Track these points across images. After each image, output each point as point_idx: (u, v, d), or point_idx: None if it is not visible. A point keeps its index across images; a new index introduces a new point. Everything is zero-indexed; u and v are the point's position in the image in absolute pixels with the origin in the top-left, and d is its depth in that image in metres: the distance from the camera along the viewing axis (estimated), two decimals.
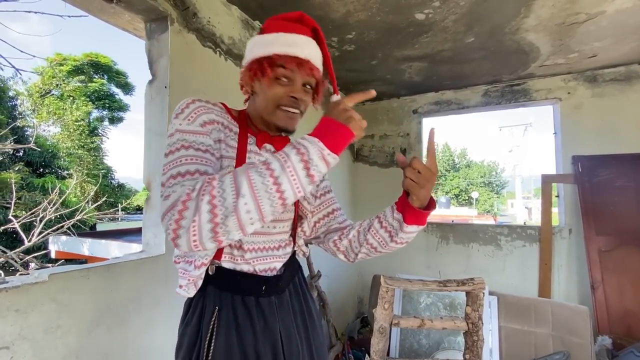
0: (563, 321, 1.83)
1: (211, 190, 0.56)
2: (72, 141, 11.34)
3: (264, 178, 0.56)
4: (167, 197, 0.60)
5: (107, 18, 1.62)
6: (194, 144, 0.68)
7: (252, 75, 0.75)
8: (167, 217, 0.58)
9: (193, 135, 0.69)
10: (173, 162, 0.65)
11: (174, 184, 0.61)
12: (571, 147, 2.77)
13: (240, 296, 0.75)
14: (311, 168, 0.58)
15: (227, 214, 0.55)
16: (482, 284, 1.34)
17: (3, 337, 0.92)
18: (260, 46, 0.74)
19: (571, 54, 2.43)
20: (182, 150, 0.66)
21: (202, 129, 0.70)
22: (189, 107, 0.72)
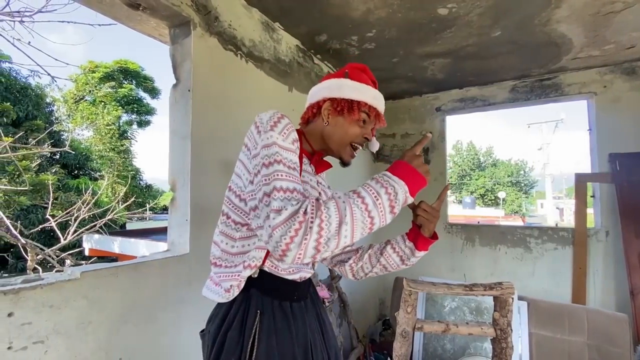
0: (600, 329, 1.71)
1: (320, 214, 0.63)
2: (103, 144, 11.91)
3: (362, 211, 0.66)
4: (277, 211, 0.64)
5: (134, 25, 1.68)
6: (290, 162, 0.72)
7: (339, 110, 0.86)
8: (280, 230, 0.62)
9: (287, 152, 0.73)
10: (274, 174, 0.69)
11: (283, 198, 0.66)
12: (608, 144, 2.60)
13: (278, 301, 0.81)
14: (395, 207, 0.70)
15: (330, 237, 0.64)
16: (511, 288, 1.27)
17: (38, 331, 0.97)
18: (353, 90, 0.86)
19: (607, 46, 2.29)
20: (281, 165, 0.70)
21: (292, 147, 0.74)
22: (281, 122, 0.75)
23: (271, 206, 0.65)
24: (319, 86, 0.91)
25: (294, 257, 0.63)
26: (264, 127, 0.74)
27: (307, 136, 0.92)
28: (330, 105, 0.87)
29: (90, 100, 12.30)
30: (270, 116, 0.76)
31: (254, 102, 1.86)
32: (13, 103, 8.96)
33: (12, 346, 0.92)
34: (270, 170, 0.69)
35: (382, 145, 3.63)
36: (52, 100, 11.78)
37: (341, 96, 0.85)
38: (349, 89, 0.86)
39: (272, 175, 0.68)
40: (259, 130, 0.75)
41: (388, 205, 0.69)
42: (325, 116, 0.87)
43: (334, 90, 0.87)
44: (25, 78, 10.17)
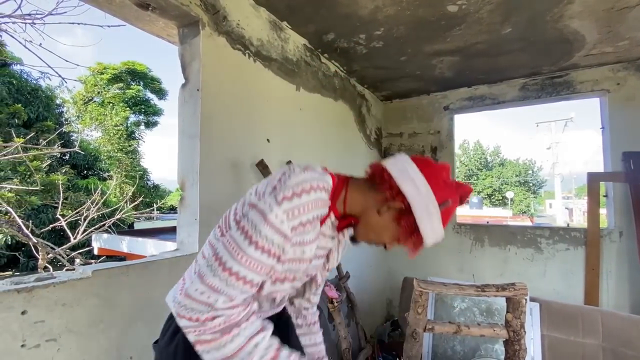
0: (615, 332, 1.67)
1: (225, 332, 0.61)
2: (112, 145, 12.06)
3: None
4: (216, 291, 0.62)
5: (142, 26, 1.69)
6: (272, 249, 0.64)
7: (399, 224, 0.71)
8: (198, 324, 0.61)
9: (278, 236, 0.64)
10: (242, 253, 0.63)
11: (231, 286, 0.62)
12: (621, 142, 2.55)
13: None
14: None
15: (212, 354, 0.61)
16: (524, 289, 1.25)
17: (51, 329, 0.98)
18: (430, 228, 0.69)
19: (621, 42, 2.24)
20: (258, 251, 0.63)
21: (289, 234, 0.65)
22: (301, 198, 0.64)
23: (214, 283, 0.62)
24: (415, 175, 0.69)
25: (184, 325, 0.63)
26: (280, 190, 0.64)
27: (349, 193, 0.75)
28: (399, 211, 0.70)
29: (99, 102, 12.47)
30: (297, 183, 0.64)
31: (262, 102, 1.86)
32: (24, 104, 9.12)
33: (25, 344, 0.93)
34: (241, 244, 0.63)
35: (389, 144, 3.61)
36: (61, 101, 11.97)
37: (418, 222, 0.69)
38: (431, 223, 0.69)
39: (239, 252, 0.63)
40: (275, 185, 0.66)
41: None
42: (385, 209, 0.71)
43: (422, 208, 0.68)
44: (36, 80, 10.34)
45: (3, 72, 9.27)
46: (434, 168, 0.73)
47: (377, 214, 0.72)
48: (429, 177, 0.70)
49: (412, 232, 0.70)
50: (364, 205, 0.74)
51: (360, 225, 0.76)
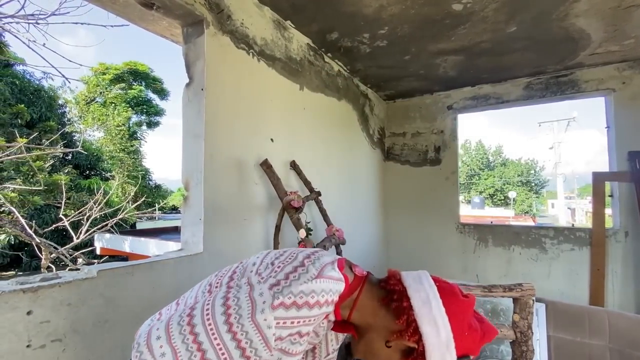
0: (622, 333, 1.66)
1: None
2: (114, 145, 12.10)
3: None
4: (174, 350, 0.54)
5: (146, 25, 1.69)
6: (246, 348, 0.56)
7: (405, 354, 0.62)
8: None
9: (258, 341, 0.56)
10: (214, 334, 0.55)
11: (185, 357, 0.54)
12: (627, 142, 2.53)
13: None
14: None
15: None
16: (532, 290, 1.24)
17: (56, 329, 0.97)
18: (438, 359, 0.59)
19: (627, 40, 2.22)
20: (229, 336, 0.55)
21: (272, 343, 0.57)
22: (300, 312, 0.56)
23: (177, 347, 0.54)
24: (439, 315, 0.60)
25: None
26: (283, 292, 0.56)
27: (360, 300, 0.65)
28: (410, 351, 0.61)
29: (101, 102, 12.50)
30: (302, 291, 0.56)
31: (266, 102, 1.86)
32: (27, 105, 9.15)
33: (31, 344, 0.92)
34: (220, 328, 0.55)
35: (392, 144, 3.59)
36: (64, 102, 12.00)
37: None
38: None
39: (213, 330, 0.55)
40: (278, 282, 0.57)
41: None
42: (396, 343, 0.62)
43: (436, 353, 0.58)
44: (39, 80, 10.38)
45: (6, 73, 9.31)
46: (461, 306, 0.62)
47: (383, 342, 0.63)
48: (452, 319, 0.60)
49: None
50: (371, 323, 0.65)
51: (361, 343, 0.66)
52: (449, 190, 3.20)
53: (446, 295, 0.62)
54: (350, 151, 2.83)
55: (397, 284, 0.64)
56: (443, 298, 0.61)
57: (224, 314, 0.56)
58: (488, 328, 0.64)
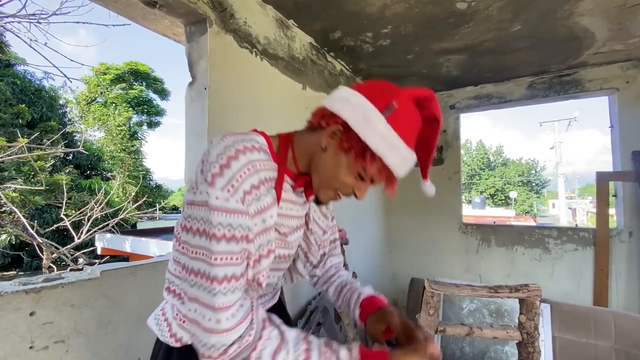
0: (627, 334, 1.65)
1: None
2: (114, 145, 12.10)
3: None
4: (208, 305, 0.54)
5: (148, 24, 1.67)
6: (236, 233, 0.56)
7: (344, 147, 0.62)
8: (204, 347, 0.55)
9: (232, 217, 0.55)
10: (206, 253, 0.55)
11: (218, 300, 0.54)
12: (631, 141, 2.51)
13: None
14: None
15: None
16: (538, 290, 1.23)
17: (59, 331, 0.97)
18: (378, 137, 0.59)
19: (631, 39, 2.21)
20: (214, 242, 0.55)
21: (241, 207, 0.56)
22: (232, 167, 0.56)
23: (199, 296, 0.55)
24: (347, 93, 0.64)
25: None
26: (207, 171, 0.56)
27: (296, 148, 0.68)
28: (340, 134, 0.62)
29: (102, 102, 12.51)
30: (219, 154, 0.56)
31: (269, 101, 1.84)
32: (28, 105, 9.16)
33: (34, 345, 0.91)
34: (202, 244, 0.56)
35: None
36: (65, 102, 12.01)
37: (359, 133, 0.60)
38: (375, 131, 0.59)
39: (205, 254, 0.55)
40: (202, 170, 0.58)
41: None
42: (327, 141, 0.63)
43: (357, 117, 0.60)
44: (40, 80, 10.39)
45: (7, 73, 9.32)
46: (371, 83, 0.66)
47: (323, 153, 0.64)
48: (362, 90, 0.63)
49: (363, 153, 0.60)
50: (310, 152, 0.66)
51: (313, 176, 0.67)
52: (451, 190, 3.19)
53: (358, 85, 0.65)
54: None
55: (315, 108, 0.69)
56: (354, 86, 0.65)
57: (196, 234, 0.57)
58: (414, 87, 0.65)
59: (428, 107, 0.65)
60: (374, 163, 0.61)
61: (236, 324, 0.55)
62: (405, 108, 0.61)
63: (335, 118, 0.62)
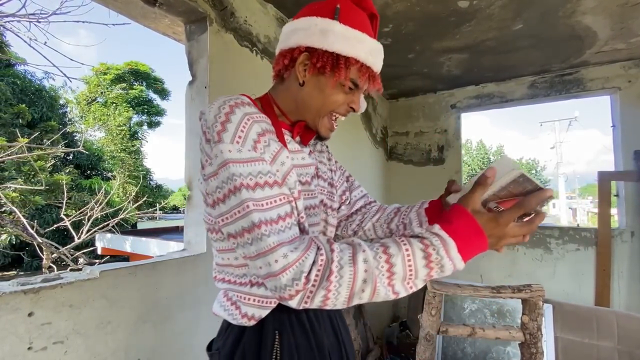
0: (631, 334, 1.64)
1: (328, 285, 0.51)
2: (115, 145, 12.09)
3: (385, 287, 0.52)
4: (270, 251, 0.52)
5: (148, 23, 1.67)
6: (260, 178, 0.55)
7: (319, 67, 0.62)
8: (280, 280, 0.52)
9: (251, 165, 0.55)
10: (244, 206, 0.53)
11: (269, 233, 0.53)
12: (633, 141, 2.50)
13: (294, 314, 0.68)
14: (434, 274, 0.54)
15: (337, 302, 0.53)
16: (541, 291, 1.22)
17: (58, 331, 0.96)
18: (341, 40, 0.61)
19: (633, 38, 2.20)
20: (249, 191, 0.53)
21: (256, 154, 0.56)
22: (232, 121, 0.56)
23: (259, 247, 0.53)
24: (294, 25, 0.66)
25: (299, 305, 0.53)
26: (211, 133, 0.56)
27: (278, 102, 0.70)
28: (308, 59, 0.63)
29: (102, 102, 12.50)
30: (216, 115, 0.56)
31: None
32: (28, 105, 9.15)
33: (32, 346, 0.90)
34: (237, 201, 0.54)
35: (395, 143, 3.57)
36: (65, 102, 12.01)
37: (324, 47, 0.61)
38: (336, 37, 0.61)
39: (243, 208, 0.53)
40: (207, 137, 0.57)
41: (423, 277, 0.53)
42: (301, 74, 0.64)
43: (314, 35, 0.62)
44: (40, 80, 10.38)
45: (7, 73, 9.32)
46: (303, 8, 0.68)
47: (303, 89, 0.66)
48: (301, 15, 0.66)
49: (337, 63, 0.61)
50: (292, 97, 0.68)
51: (306, 115, 0.68)
52: None
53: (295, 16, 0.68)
54: (353, 150, 2.81)
55: (274, 63, 0.71)
56: (292, 20, 0.68)
57: (230, 196, 0.55)
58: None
59: (365, 6, 0.67)
60: (350, 67, 0.62)
61: (304, 251, 0.52)
62: (349, 7, 0.64)
63: (294, 51, 0.64)
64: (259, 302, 0.65)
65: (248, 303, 0.65)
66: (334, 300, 0.52)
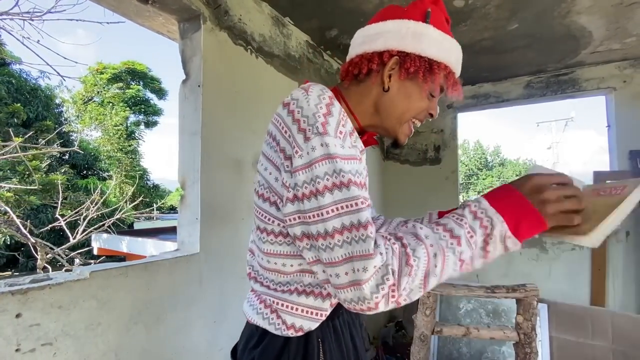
0: (625, 334, 1.64)
1: (409, 270, 0.48)
2: (111, 145, 12.03)
3: (455, 257, 0.50)
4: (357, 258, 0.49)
5: (142, 21, 1.65)
6: (359, 179, 0.52)
7: (412, 72, 0.59)
8: (366, 288, 0.48)
9: (353, 164, 0.51)
10: (343, 205, 0.49)
11: (358, 239, 0.49)
12: (628, 141, 2.51)
13: (329, 321, 0.65)
14: (490, 251, 0.52)
15: (413, 288, 0.50)
16: (536, 290, 1.22)
17: (47, 333, 0.94)
18: (435, 45, 0.59)
19: (628, 38, 2.20)
20: (352, 188, 0.50)
21: (354, 152, 0.53)
22: (333, 112, 0.52)
23: (354, 250, 0.48)
24: (381, 27, 0.62)
25: (372, 311, 0.50)
26: (311, 123, 0.51)
27: (350, 103, 0.66)
28: (398, 64, 0.60)
29: (99, 101, 12.43)
30: (317, 103, 0.52)
31: (264, 99, 1.82)
32: (23, 104, 9.08)
33: (20, 348, 0.89)
34: (342, 196, 0.49)
35: (391, 143, 3.56)
36: (61, 101, 11.93)
37: (417, 52, 0.59)
38: (430, 42, 0.59)
39: (352, 204, 0.49)
40: (300, 127, 0.52)
41: (481, 247, 0.51)
42: (387, 79, 0.61)
43: (407, 38, 0.59)
44: (35, 79, 10.31)
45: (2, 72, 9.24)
46: (381, 11, 0.65)
47: (386, 95, 0.62)
48: (385, 17, 0.62)
49: (430, 68, 0.60)
50: (370, 102, 0.65)
51: (384, 121, 0.65)
52: (449, 190, 3.18)
53: (372, 19, 0.67)
54: None
55: (343, 66, 0.68)
56: (370, 22, 0.66)
57: (321, 192, 0.50)
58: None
59: (441, 8, 0.66)
60: (441, 71, 0.61)
61: (375, 271, 0.49)
62: (435, 10, 0.63)
63: (383, 55, 0.61)
64: (309, 313, 0.61)
65: (296, 314, 0.61)
66: (411, 285, 0.49)
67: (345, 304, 0.50)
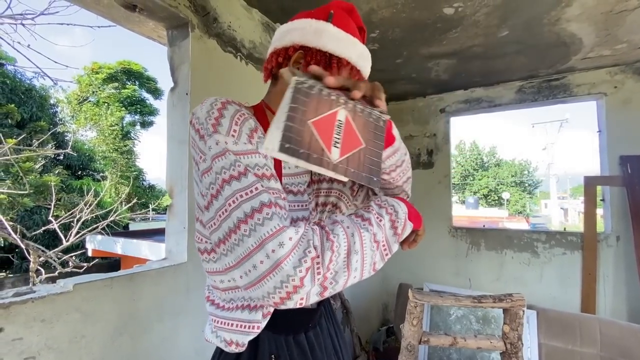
0: (613, 341, 1.65)
1: (331, 245, 0.51)
2: (107, 145, 11.95)
3: (370, 235, 0.56)
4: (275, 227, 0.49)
5: (132, 27, 1.64)
6: (257, 168, 0.53)
7: (305, 65, 0.64)
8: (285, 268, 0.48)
9: (248, 157, 0.53)
10: (244, 192, 0.50)
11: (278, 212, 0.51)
12: (618, 146, 2.53)
13: (292, 336, 0.67)
14: (398, 228, 0.60)
15: (338, 270, 0.51)
16: (522, 300, 1.22)
17: (29, 347, 0.93)
18: (335, 41, 0.64)
19: (618, 45, 2.22)
20: (248, 176, 0.51)
21: (252, 147, 0.54)
22: (225, 115, 0.54)
23: (260, 233, 0.48)
24: (289, 26, 0.68)
25: (296, 302, 0.49)
26: (205, 127, 0.54)
27: (272, 106, 0.70)
28: (302, 57, 0.65)
29: (94, 101, 12.34)
30: (209, 111, 0.55)
31: None
32: (17, 104, 9.00)
33: None
34: (236, 188, 0.51)
35: None
36: (56, 101, 11.83)
37: (318, 46, 0.63)
38: (330, 37, 0.63)
39: (251, 190, 0.50)
40: (200, 134, 0.55)
41: (390, 227, 0.59)
42: (293, 72, 0.63)
43: (309, 35, 0.64)
44: (30, 80, 10.22)
45: None
46: (298, 14, 0.70)
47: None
48: (296, 17, 0.69)
49: (329, 62, 0.64)
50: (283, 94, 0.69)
51: None
52: (441, 194, 3.19)
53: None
54: None
55: (264, 64, 0.73)
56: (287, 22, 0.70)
57: (223, 185, 0.52)
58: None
59: (354, 18, 0.71)
60: (342, 67, 0.66)
61: (296, 231, 0.50)
62: (341, 14, 0.68)
63: (288, 49, 0.66)
64: (240, 326, 0.61)
65: (230, 329, 0.62)
66: (335, 261, 0.50)
67: (271, 298, 0.49)
